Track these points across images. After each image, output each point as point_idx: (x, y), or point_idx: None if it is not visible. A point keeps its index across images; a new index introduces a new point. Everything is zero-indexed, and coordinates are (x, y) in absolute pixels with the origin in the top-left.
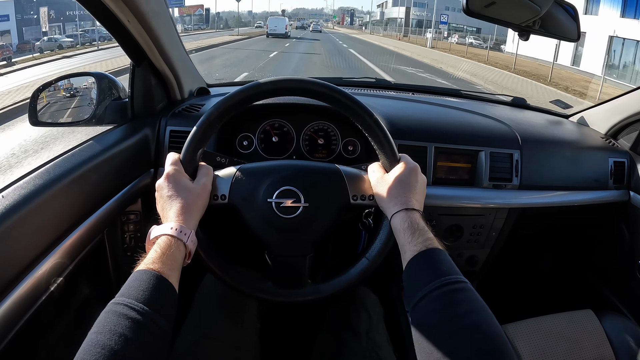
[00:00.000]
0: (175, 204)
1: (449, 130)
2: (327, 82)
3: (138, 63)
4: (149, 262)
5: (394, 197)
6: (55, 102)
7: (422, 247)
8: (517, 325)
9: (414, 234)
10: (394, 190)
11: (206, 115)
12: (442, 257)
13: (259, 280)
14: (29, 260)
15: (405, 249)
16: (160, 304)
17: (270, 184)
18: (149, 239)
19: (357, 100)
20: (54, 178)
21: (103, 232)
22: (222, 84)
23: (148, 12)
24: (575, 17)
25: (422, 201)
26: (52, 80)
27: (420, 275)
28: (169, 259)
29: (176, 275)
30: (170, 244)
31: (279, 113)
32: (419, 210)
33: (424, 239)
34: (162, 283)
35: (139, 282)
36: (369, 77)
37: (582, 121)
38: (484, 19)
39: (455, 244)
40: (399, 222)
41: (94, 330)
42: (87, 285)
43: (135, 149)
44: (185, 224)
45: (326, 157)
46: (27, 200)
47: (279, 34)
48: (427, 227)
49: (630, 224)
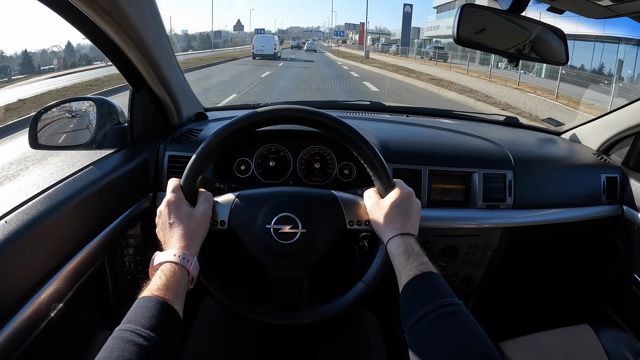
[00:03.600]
0: (177, 231)
1: (442, 152)
2: (322, 106)
3: (138, 89)
4: (154, 289)
5: (390, 222)
6: (56, 125)
7: (417, 271)
8: (514, 342)
9: (409, 258)
10: (389, 215)
11: (206, 143)
12: (436, 281)
13: (258, 304)
14: (30, 286)
15: (401, 273)
16: (166, 331)
17: (268, 211)
18: (152, 265)
19: (352, 127)
20: (56, 204)
21: (104, 257)
22: (219, 107)
23: (148, 41)
24: (563, 41)
25: (417, 225)
26: (53, 104)
27: (416, 299)
28: (173, 285)
29: (180, 301)
30: (174, 271)
31: (276, 138)
32: (414, 234)
33: (418, 263)
34: (168, 310)
35: (145, 308)
36: (363, 99)
37: (574, 138)
38: (475, 46)
39: (451, 264)
40: (394, 247)
41: (101, 356)
42: (88, 310)
43: (134, 173)
44: (187, 250)
45: (322, 181)
46: (29, 226)
47: (267, 54)
48: (422, 251)
49: (624, 238)
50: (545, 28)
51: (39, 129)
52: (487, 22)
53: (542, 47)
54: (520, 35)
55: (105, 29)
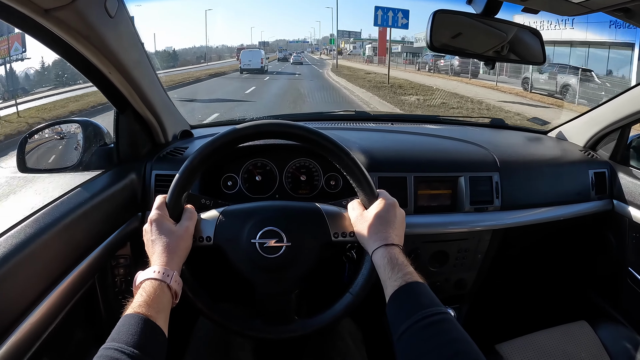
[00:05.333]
0: (158, 247)
1: (427, 158)
2: (308, 118)
3: (122, 110)
4: (135, 306)
5: (374, 233)
6: (44, 148)
7: (402, 282)
8: (510, 343)
9: (393, 269)
10: (372, 227)
11: (189, 161)
12: (421, 290)
13: (247, 318)
14: (21, 309)
15: (386, 284)
16: (150, 346)
17: (253, 225)
18: (135, 284)
19: (333, 140)
20: (44, 226)
21: (94, 278)
22: (205, 124)
23: (129, 63)
24: (540, 40)
25: (402, 235)
26: (40, 128)
27: (402, 309)
28: (155, 301)
29: (164, 317)
30: (155, 287)
31: (261, 152)
32: (399, 244)
33: (403, 274)
34: (150, 326)
35: (128, 326)
36: (348, 109)
37: (560, 136)
38: (451, 52)
39: (442, 269)
40: (379, 258)
41: None
42: (80, 331)
43: (122, 194)
44: (167, 266)
45: (309, 194)
46: (18, 249)
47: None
48: (407, 261)
49: (616, 232)
50: (521, 29)
51: (26, 152)
52: (463, 27)
53: (520, 48)
54: (497, 37)
55: (84, 53)
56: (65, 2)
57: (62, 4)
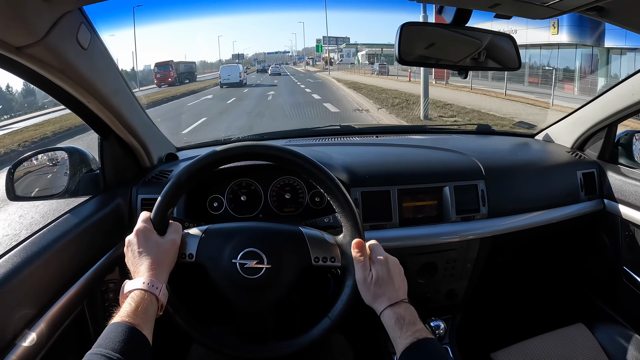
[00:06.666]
0: (146, 260)
1: (410, 170)
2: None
3: (105, 137)
4: (123, 315)
5: (378, 296)
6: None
7: (412, 339)
8: (507, 351)
9: (401, 328)
10: (376, 293)
11: (176, 177)
12: (431, 346)
13: (225, 336)
14: (11, 337)
15: (397, 342)
16: (135, 355)
17: (235, 246)
18: (122, 292)
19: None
20: (32, 255)
21: (83, 303)
22: (190, 146)
23: (106, 91)
24: (514, 46)
25: (405, 287)
26: (27, 156)
27: None
28: (142, 312)
29: (149, 327)
30: (143, 297)
31: (246, 172)
32: (404, 298)
33: (412, 332)
34: (136, 335)
35: (115, 333)
36: (333, 124)
37: (547, 138)
38: (423, 64)
39: (431, 280)
40: (387, 319)
41: None
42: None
43: (109, 219)
44: (156, 278)
45: (294, 211)
46: (7, 278)
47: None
48: (414, 317)
49: (609, 232)
50: (495, 35)
51: (15, 180)
52: (435, 37)
53: (497, 54)
54: (472, 44)
55: (61, 85)
56: (36, 38)
57: (33, 41)
